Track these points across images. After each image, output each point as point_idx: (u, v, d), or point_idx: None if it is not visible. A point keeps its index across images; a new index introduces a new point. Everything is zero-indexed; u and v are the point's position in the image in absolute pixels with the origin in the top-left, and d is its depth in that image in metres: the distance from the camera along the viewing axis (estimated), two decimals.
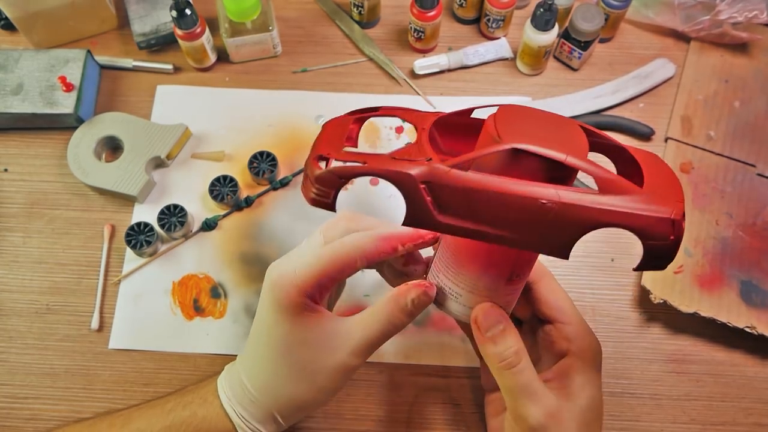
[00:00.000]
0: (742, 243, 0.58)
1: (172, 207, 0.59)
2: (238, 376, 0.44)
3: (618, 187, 0.33)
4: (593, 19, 0.62)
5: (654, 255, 0.34)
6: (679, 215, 0.33)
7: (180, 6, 0.60)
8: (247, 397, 0.43)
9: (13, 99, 0.62)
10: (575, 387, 0.40)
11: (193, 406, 0.44)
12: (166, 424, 0.44)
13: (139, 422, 0.45)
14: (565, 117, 0.37)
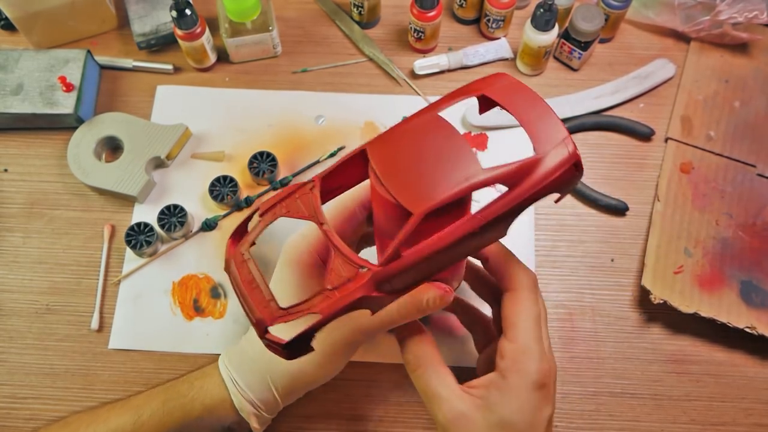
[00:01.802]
0: (742, 243, 0.58)
1: (172, 207, 0.59)
2: (240, 346, 0.46)
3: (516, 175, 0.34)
4: (593, 19, 0.62)
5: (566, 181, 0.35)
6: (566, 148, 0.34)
7: (180, 6, 0.60)
8: (246, 364, 0.44)
9: (13, 99, 0.62)
10: (491, 401, 0.40)
11: (191, 378, 0.46)
12: (164, 398, 0.46)
13: (137, 400, 0.46)
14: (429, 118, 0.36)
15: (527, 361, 0.40)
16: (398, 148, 0.35)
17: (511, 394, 0.39)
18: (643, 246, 0.59)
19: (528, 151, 0.36)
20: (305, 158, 0.64)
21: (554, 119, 0.34)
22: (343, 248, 0.36)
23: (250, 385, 0.44)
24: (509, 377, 0.40)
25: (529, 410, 0.39)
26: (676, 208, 0.60)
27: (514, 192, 0.34)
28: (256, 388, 0.44)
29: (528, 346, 0.40)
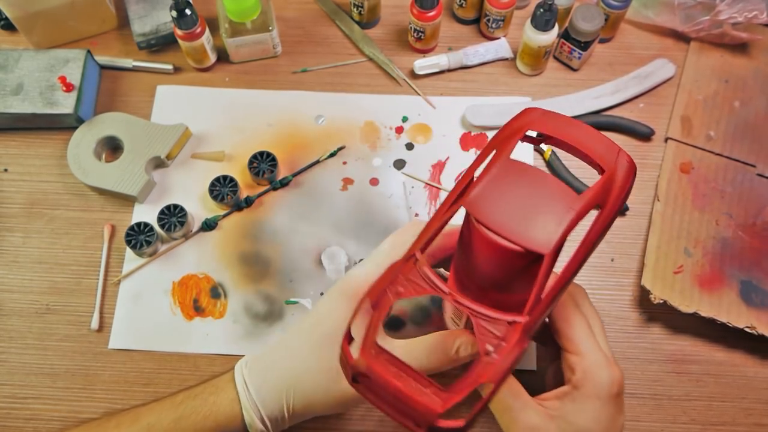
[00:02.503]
0: (742, 243, 0.58)
1: (172, 207, 0.59)
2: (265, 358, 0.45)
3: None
4: (593, 19, 0.62)
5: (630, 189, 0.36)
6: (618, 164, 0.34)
7: (180, 6, 0.60)
8: (269, 379, 0.43)
9: (13, 99, 0.62)
10: (566, 411, 0.40)
11: (204, 395, 0.45)
12: (176, 416, 0.44)
13: (148, 418, 0.45)
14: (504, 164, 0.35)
15: (598, 371, 0.40)
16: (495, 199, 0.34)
17: (587, 405, 0.40)
18: (643, 246, 0.59)
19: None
20: (305, 158, 0.64)
21: (600, 135, 0.35)
22: (486, 310, 0.35)
23: (265, 400, 0.43)
24: (583, 388, 0.40)
25: (605, 419, 0.40)
26: (676, 208, 0.60)
27: (605, 210, 0.34)
28: (270, 405, 0.43)
29: (595, 357, 0.40)
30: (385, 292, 0.36)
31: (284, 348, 0.45)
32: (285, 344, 0.45)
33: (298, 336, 0.45)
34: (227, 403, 0.44)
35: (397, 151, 0.64)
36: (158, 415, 0.45)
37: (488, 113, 0.64)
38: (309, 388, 0.43)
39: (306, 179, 0.63)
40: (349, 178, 0.63)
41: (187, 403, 0.45)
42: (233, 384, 0.44)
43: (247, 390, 0.44)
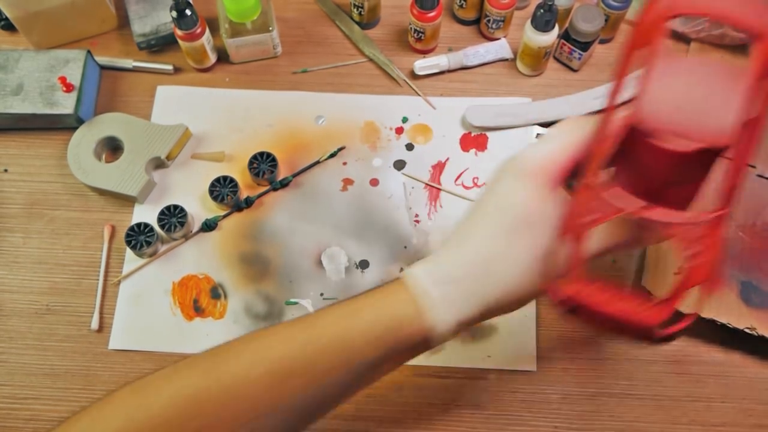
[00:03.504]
0: (742, 244, 0.58)
1: (172, 207, 0.59)
2: (439, 258, 0.40)
3: None
4: (593, 19, 0.62)
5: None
6: None
7: (180, 6, 0.60)
8: (452, 277, 0.39)
9: (13, 99, 0.62)
10: None
11: (375, 294, 0.40)
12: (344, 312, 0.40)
13: (309, 317, 0.40)
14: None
15: None
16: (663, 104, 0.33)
17: None
18: None
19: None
20: (305, 158, 0.64)
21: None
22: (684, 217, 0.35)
23: (451, 297, 0.39)
24: None
25: None
26: None
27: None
28: (457, 303, 0.39)
29: None
30: (581, 224, 0.36)
31: (466, 239, 0.40)
32: (466, 235, 0.40)
33: (481, 224, 0.40)
34: (404, 303, 0.39)
35: (397, 151, 0.64)
36: (323, 312, 0.40)
37: (488, 114, 0.64)
38: (501, 279, 0.39)
39: (306, 180, 0.63)
40: (349, 179, 0.63)
41: (356, 301, 0.40)
42: (408, 280, 0.39)
43: (429, 286, 0.39)
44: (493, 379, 0.55)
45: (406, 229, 0.61)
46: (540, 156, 0.40)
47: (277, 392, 0.38)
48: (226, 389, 0.37)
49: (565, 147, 0.39)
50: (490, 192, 0.41)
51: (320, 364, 0.38)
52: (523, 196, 0.39)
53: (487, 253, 0.39)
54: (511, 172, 0.40)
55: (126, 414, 0.38)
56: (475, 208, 0.41)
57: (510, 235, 0.39)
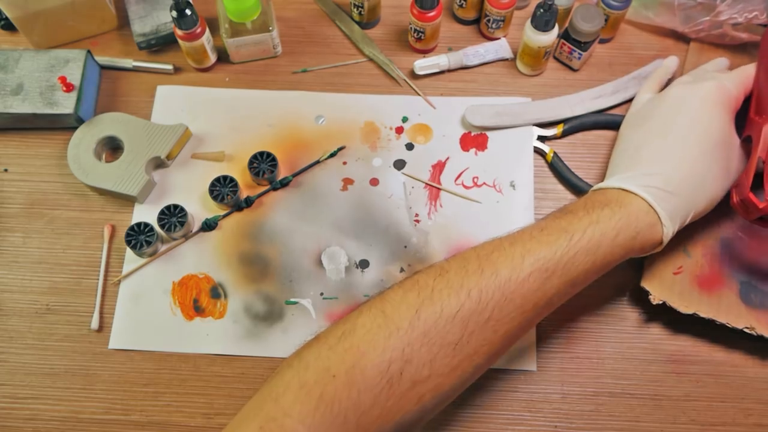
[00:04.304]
0: (742, 244, 0.58)
1: (172, 207, 0.59)
2: (651, 176, 0.48)
3: None
4: (593, 19, 0.62)
5: None
6: None
7: (180, 6, 0.60)
8: (670, 188, 0.47)
9: (13, 99, 0.62)
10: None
11: (612, 207, 0.46)
12: (590, 221, 0.45)
13: (558, 224, 0.45)
14: None
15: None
16: None
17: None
18: None
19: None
20: (305, 158, 0.64)
21: None
22: None
23: (677, 208, 0.48)
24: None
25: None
26: None
27: None
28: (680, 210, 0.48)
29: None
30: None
31: (676, 157, 0.49)
32: (674, 154, 0.49)
33: (690, 146, 0.49)
34: (643, 215, 0.46)
35: (397, 151, 0.64)
36: (568, 222, 0.45)
37: (488, 113, 0.64)
38: (709, 191, 0.49)
39: (306, 179, 0.63)
40: (349, 179, 0.63)
41: (596, 213, 0.46)
42: (638, 198, 0.47)
43: (659, 200, 0.47)
44: (493, 379, 0.55)
45: (406, 228, 0.61)
46: (732, 89, 0.51)
47: (541, 287, 0.43)
48: (504, 287, 0.41)
49: (746, 83, 0.53)
50: (692, 122, 0.49)
51: (574, 267, 0.44)
52: (719, 124, 0.49)
53: (700, 170, 0.48)
54: (709, 104, 0.50)
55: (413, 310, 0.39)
56: (664, 128, 0.50)
57: (714, 154, 0.49)
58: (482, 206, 0.61)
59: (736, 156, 0.51)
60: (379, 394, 0.37)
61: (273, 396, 0.38)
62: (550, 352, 0.56)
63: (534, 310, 0.43)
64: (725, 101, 0.50)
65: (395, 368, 0.37)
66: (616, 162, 0.52)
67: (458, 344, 0.39)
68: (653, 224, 0.46)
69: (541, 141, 0.64)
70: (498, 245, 0.44)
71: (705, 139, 0.49)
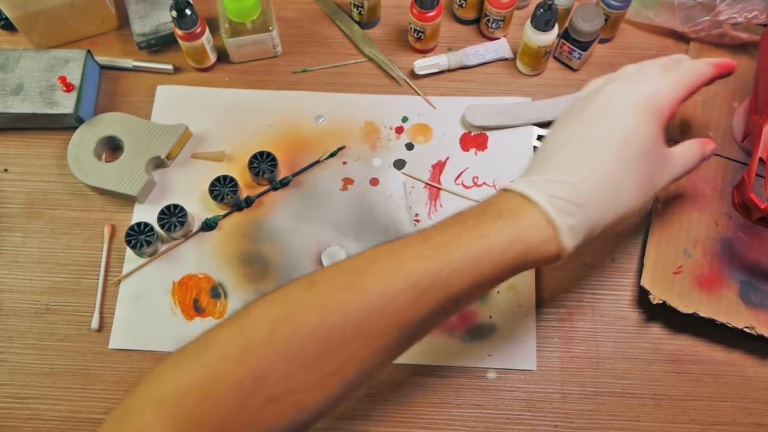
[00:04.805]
0: (742, 243, 0.58)
1: (172, 207, 0.59)
2: (558, 184, 0.42)
3: None
4: (593, 19, 0.62)
5: None
6: None
7: (180, 6, 0.60)
8: (575, 200, 0.41)
9: (13, 99, 0.62)
10: None
11: (504, 220, 0.41)
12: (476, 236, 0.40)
13: (442, 236, 0.41)
14: None
15: None
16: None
17: None
18: (642, 246, 0.59)
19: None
20: (305, 158, 0.64)
21: None
22: None
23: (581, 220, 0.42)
24: None
25: None
26: (675, 208, 0.60)
27: None
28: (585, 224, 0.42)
29: None
30: None
31: (589, 165, 0.43)
32: (588, 161, 0.43)
33: (606, 154, 0.43)
34: (538, 229, 0.41)
35: (397, 151, 0.64)
36: (453, 234, 0.41)
37: (488, 113, 0.64)
38: (625, 203, 0.44)
39: (306, 179, 0.63)
40: (349, 178, 0.63)
41: (485, 225, 0.41)
42: (536, 208, 0.41)
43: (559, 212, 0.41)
44: (493, 378, 0.55)
45: (406, 228, 0.61)
46: (666, 97, 0.45)
47: (413, 307, 0.39)
48: (370, 304, 0.38)
49: (685, 89, 0.47)
50: (614, 127, 0.44)
51: (452, 284, 0.40)
52: (646, 133, 0.44)
53: (616, 181, 0.43)
54: (639, 111, 0.44)
55: (270, 323, 0.38)
56: (587, 131, 0.45)
57: (635, 164, 0.44)
58: None
59: (663, 168, 0.46)
60: (235, 409, 0.36)
61: (131, 413, 0.37)
62: (550, 352, 0.56)
63: (410, 327, 0.40)
64: (657, 109, 0.45)
65: (249, 384, 0.36)
66: (536, 159, 0.46)
67: (317, 361, 0.37)
68: (548, 240, 0.41)
69: (541, 141, 0.64)
70: (376, 256, 0.41)
71: (627, 147, 0.43)
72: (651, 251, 0.58)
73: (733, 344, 0.56)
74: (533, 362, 0.56)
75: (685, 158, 0.49)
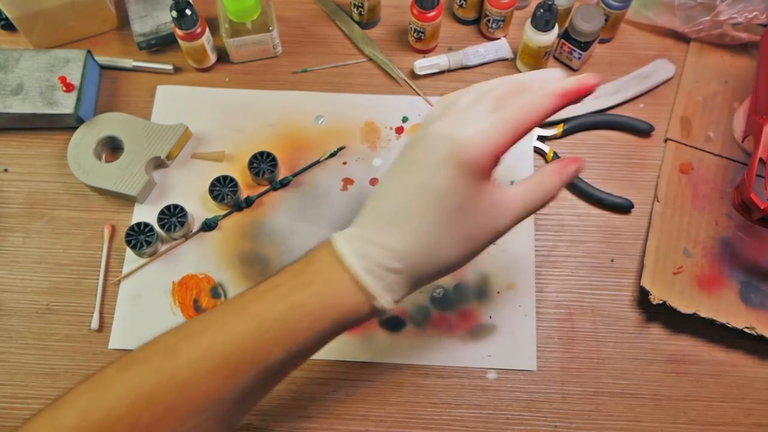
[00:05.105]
0: (742, 243, 0.58)
1: (172, 207, 0.59)
2: (374, 246, 0.41)
3: None
4: (593, 19, 0.62)
5: None
6: None
7: (180, 6, 0.60)
8: (393, 264, 0.40)
9: (13, 99, 0.62)
10: None
11: (316, 286, 0.41)
12: (289, 306, 0.40)
13: (255, 307, 0.41)
14: None
15: None
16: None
17: None
18: (642, 246, 0.59)
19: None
20: (305, 158, 0.64)
21: None
22: None
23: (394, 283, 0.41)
24: None
25: None
26: (675, 208, 0.60)
27: None
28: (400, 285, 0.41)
29: None
30: None
31: (405, 224, 0.41)
32: (403, 219, 0.41)
33: (420, 213, 0.40)
34: (345, 291, 0.40)
35: (397, 151, 0.64)
36: (265, 304, 0.41)
37: None
38: (445, 260, 0.42)
39: (306, 179, 0.63)
40: (349, 179, 0.63)
41: (297, 293, 0.40)
42: (348, 273, 0.40)
43: (368, 276, 0.40)
44: (493, 379, 0.55)
45: None
46: (487, 146, 0.40)
47: (225, 384, 0.39)
48: (180, 385, 0.38)
49: (514, 132, 0.40)
50: (425, 172, 0.41)
51: (268, 354, 0.40)
52: (462, 187, 0.40)
53: (431, 243, 0.40)
54: (450, 166, 0.40)
55: (81, 409, 0.38)
56: (407, 184, 0.41)
57: (450, 224, 0.40)
58: None
59: (488, 218, 0.42)
60: None
61: None
62: (550, 352, 0.56)
63: (227, 401, 0.39)
64: (473, 162, 0.40)
65: None
66: (365, 206, 0.44)
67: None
68: (363, 303, 0.40)
69: (541, 141, 0.64)
70: (189, 332, 0.41)
71: (441, 206, 0.40)
72: (651, 251, 0.58)
73: (733, 344, 0.56)
74: (533, 362, 0.56)
75: (529, 196, 0.44)
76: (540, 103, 0.41)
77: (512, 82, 0.44)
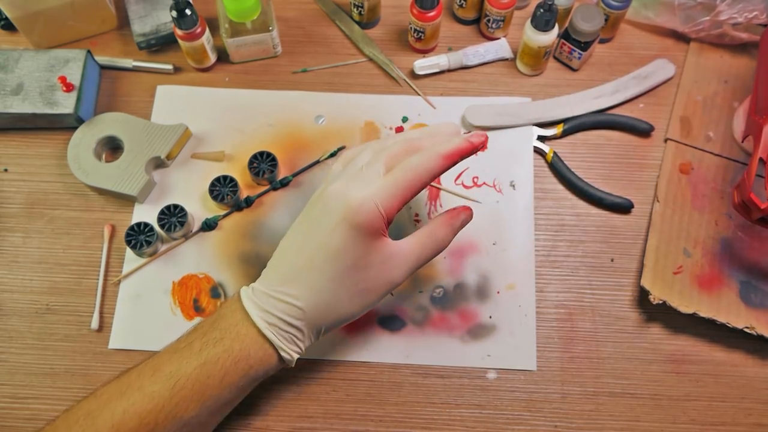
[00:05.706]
0: (742, 243, 0.58)
1: (172, 207, 0.59)
2: (277, 302, 0.45)
3: None
4: (593, 19, 0.62)
5: None
6: None
7: (180, 6, 0.60)
8: (294, 319, 0.45)
9: (13, 99, 0.62)
10: None
11: (225, 342, 0.45)
12: (200, 363, 0.44)
13: (169, 367, 0.45)
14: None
15: None
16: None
17: None
18: (642, 246, 0.59)
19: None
20: (305, 158, 0.64)
21: None
22: None
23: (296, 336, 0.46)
24: None
25: None
26: (675, 208, 0.60)
27: None
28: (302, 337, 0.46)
29: None
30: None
31: (302, 284, 0.45)
32: (302, 280, 0.45)
33: (320, 270, 0.45)
34: (253, 346, 0.45)
35: None
36: (179, 363, 0.45)
37: (488, 113, 0.64)
38: (343, 313, 0.46)
39: (306, 179, 0.63)
40: None
41: (208, 350, 0.45)
42: (254, 328, 0.45)
43: (273, 331, 0.45)
44: (493, 378, 0.55)
45: (405, 228, 0.61)
46: (376, 208, 0.44)
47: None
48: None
49: (405, 193, 0.45)
50: (322, 233, 0.45)
51: (183, 411, 0.44)
52: (355, 247, 0.44)
53: (329, 297, 0.45)
54: (345, 227, 0.44)
55: None
56: (306, 243, 0.46)
57: (346, 279, 0.45)
58: (482, 206, 0.61)
59: (383, 272, 0.46)
60: None
61: None
62: (550, 351, 0.56)
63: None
64: (366, 223, 0.44)
65: None
66: (272, 260, 0.49)
67: None
68: (270, 355, 0.45)
69: (541, 141, 0.64)
70: (109, 396, 0.44)
71: (336, 264, 0.44)
72: (651, 251, 0.58)
73: (733, 344, 0.56)
74: (533, 362, 0.56)
75: (421, 248, 0.48)
76: (429, 164, 0.45)
77: (405, 142, 0.48)
